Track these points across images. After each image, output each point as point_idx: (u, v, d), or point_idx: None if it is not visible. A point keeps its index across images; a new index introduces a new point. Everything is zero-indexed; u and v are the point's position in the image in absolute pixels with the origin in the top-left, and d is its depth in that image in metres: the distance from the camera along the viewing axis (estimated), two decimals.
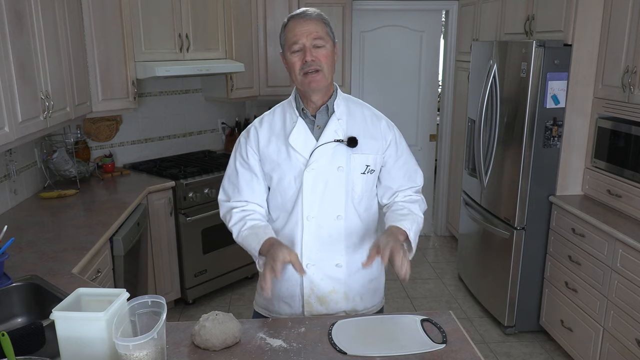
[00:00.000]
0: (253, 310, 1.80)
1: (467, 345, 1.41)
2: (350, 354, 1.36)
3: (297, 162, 1.60)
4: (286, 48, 1.57)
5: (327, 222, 1.62)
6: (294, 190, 1.61)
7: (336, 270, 1.65)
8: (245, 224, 1.62)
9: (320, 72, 1.53)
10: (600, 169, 2.89)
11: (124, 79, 3.28)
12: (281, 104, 1.70)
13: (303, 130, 1.60)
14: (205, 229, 3.55)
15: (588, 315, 2.71)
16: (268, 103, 4.48)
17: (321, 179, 1.59)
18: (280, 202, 1.65)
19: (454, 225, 4.69)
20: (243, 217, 1.64)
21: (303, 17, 1.55)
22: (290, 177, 1.61)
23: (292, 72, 1.57)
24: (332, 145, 1.59)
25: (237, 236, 1.64)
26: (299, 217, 1.62)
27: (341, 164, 1.60)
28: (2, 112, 2.04)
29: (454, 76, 4.64)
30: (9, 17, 2.09)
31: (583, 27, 2.83)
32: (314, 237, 1.62)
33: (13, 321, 1.79)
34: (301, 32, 1.53)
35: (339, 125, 1.60)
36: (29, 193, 3.01)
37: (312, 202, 1.60)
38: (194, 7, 3.56)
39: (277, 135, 1.63)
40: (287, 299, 1.68)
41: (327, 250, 1.63)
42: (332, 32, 1.59)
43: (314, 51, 1.53)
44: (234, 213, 1.65)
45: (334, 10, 4.05)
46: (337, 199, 1.61)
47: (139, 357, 1.15)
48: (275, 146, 1.62)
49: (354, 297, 1.69)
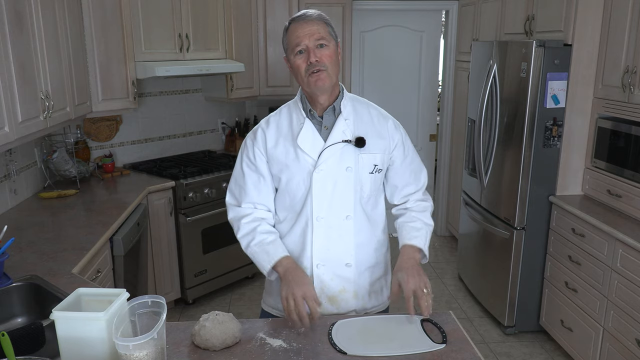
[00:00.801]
0: (261, 309, 1.81)
1: (467, 345, 1.41)
2: (350, 354, 1.36)
3: (305, 163, 1.60)
4: (289, 51, 1.57)
5: (337, 222, 1.63)
6: (302, 192, 1.62)
7: (346, 269, 1.66)
8: (254, 238, 1.62)
9: (324, 72, 1.53)
10: (600, 169, 2.89)
11: (124, 79, 3.28)
12: (287, 105, 1.70)
13: (311, 132, 1.60)
14: (205, 229, 3.55)
15: (588, 315, 2.71)
16: (268, 103, 4.48)
17: (330, 180, 1.60)
18: (288, 203, 1.65)
19: (454, 225, 4.69)
20: (253, 229, 1.64)
21: (304, 19, 1.55)
22: (299, 179, 1.61)
23: (297, 75, 1.57)
24: (340, 146, 1.59)
25: (246, 249, 1.65)
26: (308, 217, 1.62)
27: (350, 164, 1.60)
28: (2, 112, 2.04)
29: (454, 76, 4.64)
30: (9, 17, 2.09)
31: (583, 27, 2.83)
32: (323, 237, 1.63)
33: (13, 321, 1.79)
34: (303, 33, 1.53)
35: (347, 126, 1.61)
36: (29, 193, 3.01)
37: (322, 203, 1.61)
38: (194, 7, 3.56)
39: (285, 136, 1.63)
40: None
41: (337, 250, 1.64)
42: (334, 31, 1.60)
43: (318, 52, 1.53)
44: (243, 224, 1.65)
45: (334, 10, 4.06)
46: (346, 199, 1.62)
47: (139, 357, 1.15)
48: (283, 148, 1.62)
49: (363, 296, 1.70)
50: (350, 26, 4.18)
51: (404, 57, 4.71)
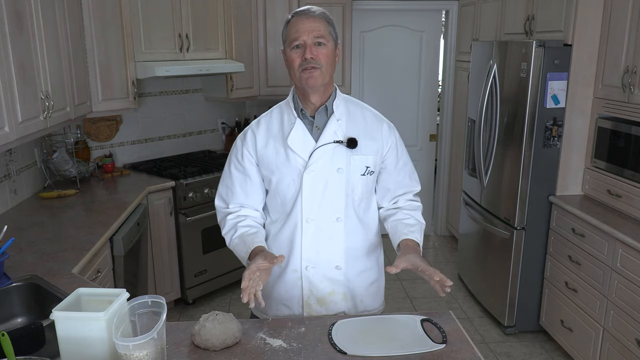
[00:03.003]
0: (250, 313, 1.79)
1: (467, 345, 1.41)
2: (350, 354, 1.36)
3: (296, 163, 1.58)
4: (287, 44, 1.56)
5: (327, 224, 1.61)
6: (293, 192, 1.60)
7: (336, 272, 1.64)
8: (236, 232, 1.62)
9: (318, 70, 1.52)
10: (600, 169, 2.89)
11: (124, 79, 3.28)
12: (278, 105, 1.69)
13: (302, 132, 1.59)
14: (205, 229, 3.55)
15: (588, 315, 2.71)
16: (268, 103, 4.47)
17: (321, 181, 1.58)
18: (279, 204, 1.64)
19: (454, 225, 4.69)
20: (235, 224, 1.64)
21: (307, 15, 1.54)
22: (289, 179, 1.60)
23: (290, 69, 1.56)
24: (331, 147, 1.57)
25: (229, 244, 1.65)
26: (298, 219, 1.61)
27: (341, 166, 1.58)
28: (2, 112, 2.04)
29: (454, 76, 4.64)
30: (9, 17, 2.09)
31: (583, 27, 2.83)
32: (313, 239, 1.61)
33: (13, 321, 1.79)
34: (303, 29, 1.52)
35: (339, 126, 1.59)
36: (29, 193, 3.01)
37: (312, 205, 1.59)
38: (194, 7, 3.56)
39: (275, 136, 1.62)
40: (285, 301, 1.68)
41: (327, 252, 1.63)
42: (335, 32, 1.58)
43: (315, 49, 1.52)
44: (227, 220, 1.66)
45: (334, 10, 4.05)
46: (337, 201, 1.60)
47: (139, 357, 1.15)
48: (273, 148, 1.61)
49: (353, 298, 1.68)
50: (350, 26, 4.18)
51: (404, 57, 4.71)
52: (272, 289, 1.67)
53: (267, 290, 1.68)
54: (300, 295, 1.65)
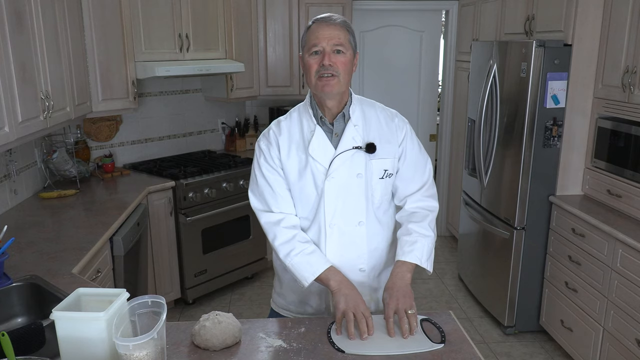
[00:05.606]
0: (270, 309, 1.81)
1: (467, 345, 1.41)
2: (349, 352, 1.36)
3: (317, 171, 1.59)
4: (306, 49, 1.56)
5: (349, 228, 1.62)
6: (315, 199, 1.61)
7: (360, 274, 1.66)
8: (294, 248, 1.58)
9: (335, 78, 1.52)
10: (600, 169, 2.89)
11: (124, 79, 3.28)
12: (297, 109, 1.68)
13: (322, 139, 1.59)
14: (205, 229, 3.55)
15: (588, 315, 2.71)
16: (268, 103, 4.48)
17: (342, 187, 1.59)
18: (301, 210, 1.65)
19: (454, 225, 4.69)
20: (291, 237, 1.60)
21: (327, 22, 1.54)
22: (311, 187, 1.60)
23: (308, 74, 1.56)
24: (350, 153, 1.59)
25: (285, 258, 1.59)
26: (321, 224, 1.62)
27: (360, 171, 1.60)
28: (2, 112, 2.04)
29: (454, 76, 4.64)
30: (9, 17, 2.09)
31: (583, 27, 2.83)
32: (336, 243, 1.63)
33: (13, 321, 1.79)
34: (323, 35, 1.52)
35: (356, 132, 1.60)
36: (29, 193, 3.01)
37: (334, 210, 1.60)
38: (194, 7, 3.56)
39: (297, 144, 1.62)
40: (312, 302, 1.70)
41: (350, 256, 1.64)
42: (355, 42, 1.58)
43: (333, 56, 1.52)
44: (281, 231, 1.61)
45: (334, 10, 4.04)
46: (358, 206, 1.62)
47: (139, 357, 1.15)
48: (295, 156, 1.61)
49: (377, 298, 1.70)
50: None
51: (404, 57, 4.71)
52: (299, 290, 1.67)
53: (293, 291, 1.70)
54: (325, 298, 1.68)
